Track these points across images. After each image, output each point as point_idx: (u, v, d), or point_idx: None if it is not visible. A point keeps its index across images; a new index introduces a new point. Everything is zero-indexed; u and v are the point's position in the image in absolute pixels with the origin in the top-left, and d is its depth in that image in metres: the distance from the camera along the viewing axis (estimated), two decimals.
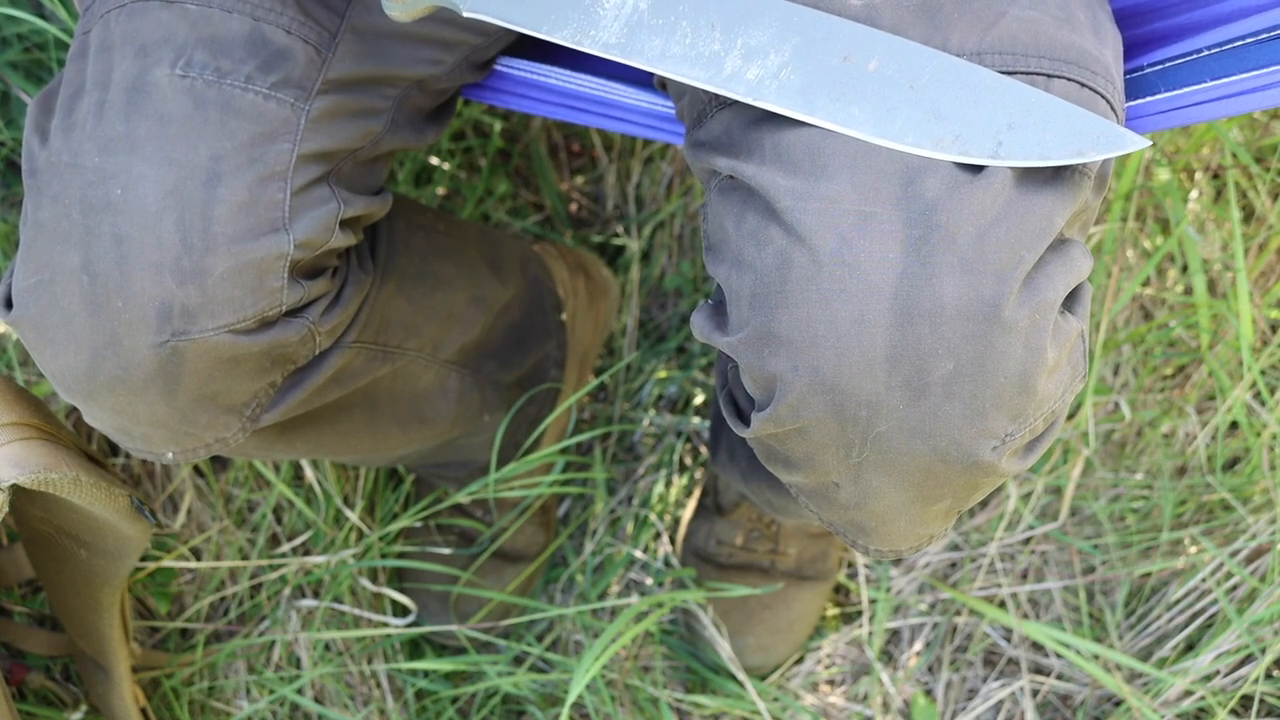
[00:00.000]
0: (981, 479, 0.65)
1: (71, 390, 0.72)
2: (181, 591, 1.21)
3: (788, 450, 0.66)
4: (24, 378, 1.20)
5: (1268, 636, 1.12)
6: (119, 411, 0.73)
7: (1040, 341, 0.61)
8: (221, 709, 1.17)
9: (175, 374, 0.70)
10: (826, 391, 0.61)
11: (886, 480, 0.65)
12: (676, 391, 1.39)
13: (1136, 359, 1.29)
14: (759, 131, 0.65)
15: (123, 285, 0.67)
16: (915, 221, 0.60)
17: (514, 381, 1.15)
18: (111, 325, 0.68)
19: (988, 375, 0.60)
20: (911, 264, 0.59)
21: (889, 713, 1.24)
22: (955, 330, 0.59)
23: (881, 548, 0.73)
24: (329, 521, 1.22)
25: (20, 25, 1.30)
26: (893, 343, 0.60)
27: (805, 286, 0.61)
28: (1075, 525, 1.29)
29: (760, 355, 0.63)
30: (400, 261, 0.92)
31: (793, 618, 1.25)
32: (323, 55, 0.73)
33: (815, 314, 0.60)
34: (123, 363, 0.69)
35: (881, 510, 0.68)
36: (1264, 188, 1.22)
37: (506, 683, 1.18)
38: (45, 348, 0.71)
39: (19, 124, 1.32)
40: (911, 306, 0.59)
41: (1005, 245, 0.60)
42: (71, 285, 0.68)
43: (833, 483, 0.67)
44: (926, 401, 0.61)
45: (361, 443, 0.98)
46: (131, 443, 0.77)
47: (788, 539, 1.25)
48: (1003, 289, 0.59)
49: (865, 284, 0.60)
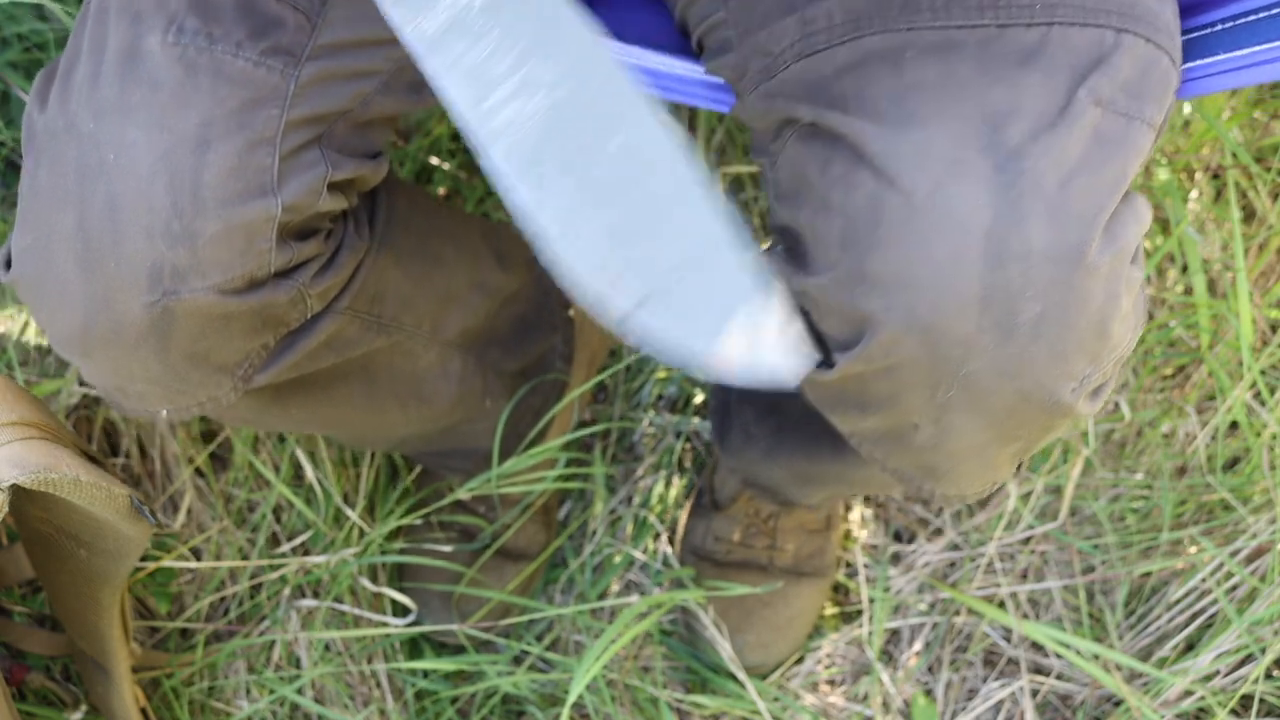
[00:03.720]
0: (1058, 420, 0.67)
1: (69, 348, 0.74)
2: (181, 591, 1.21)
3: (870, 392, 0.67)
4: (24, 378, 1.20)
5: (1268, 636, 1.12)
6: (114, 369, 0.75)
7: (1117, 287, 0.64)
8: (221, 709, 1.17)
9: (167, 332, 0.72)
10: (921, 330, 0.62)
11: (969, 420, 0.66)
12: (676, 392, 1.39)
13: (1136, 359, 1.29)
14: (844, 80, 0.66)
15: (115, 247, 0.69)
16: (1003, 167, 0.61)
17: (518, 370, 1.15)
18: (104, 285, 0.70)
19: (1071, 318, 0.62)
20: (1001, 208, 0.61)
21: (889, 713, 1.24)
22: (1043, 274, 0.61)
23: (949, 492, 0.75)
24: (329, 521, 1.22)
25: (20, 25, 1.30)
26: (985, 284, 0.61)
27: (899, 228, 0.62)
28: (1075, 525, 1.29)
29: (851, 295, 0.64)
30: (399, 236, 0.92)
31: (792, 614, 1.25)
32: (312, 21, 0.73)
33: (911, 255, 0.61)
34: (116, 321, 0.71)
35: (958, 451, 0.69)
36: (1264, 188, 1.22)
37: (506, 683, 1.18)
38: (42, 307, 0.73)
39: (19, 124, 1.32)
40: (1003, 250, 0.61)
41: (1087, 193, 0.62)
42: (66, 247, 0.70)
43: (912, 424, 0.68)
44: (1015, 342, 0.62)
45: (359, 417, 0.98)
46: (128, 401, 0.79)
47: (785, 534, 1.26)
48: (1086, 235, 0.61)
49: (959, 226, 0.61)
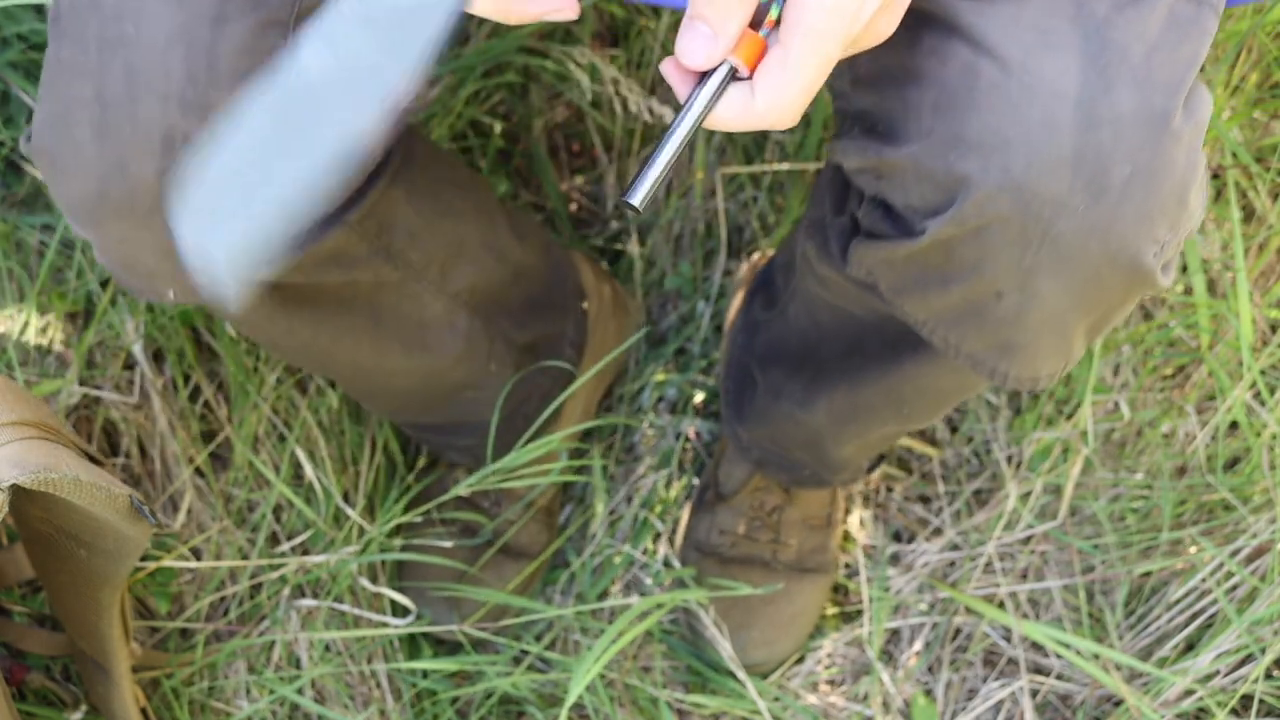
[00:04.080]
0: (1137, 286, 0.69)
1: (82, 219, 0.76)
2: (181, 591, 1.21)
3: (956, 258, 0.69)
4: (24, 378, 1.20)
5: (1268, 636, 1.12)
6: (126, 240, 0.76)
7: (1196, 156, 0.67)
8: (221, 709, 1.17)
9: None
10: (1014, 190, 0.64)
11: (1053, 284, 0.68)
12: (676, 394, 1.39)
13: (1136, 359, 1.29)
14: None
15: (131, 114, 0.71)
16: (1091, 37, 0.64)
17: (526, 344, 1.15)
18: (119, 151, 0.72)
19: (1157, 181, 0.65)
20: (1090, 75, 0.63)
21: (889, 713, 1.24)
22: (1133, 136, 0.64)
23: (1022, 373, 0.76)
24: (329, 521, 1.22)
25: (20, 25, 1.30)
26: (1077, 145, 0.64)
27: (994, 93, 0.64)
28: (1075, 525, 1.29)
29: (947, 159, 0.66)
30: (414, 175, 0.93)
31: (795, 611, 1.25)
32: None
33: (1005, 117, 0.64)
34: (129, 189, 0.73)
35: (1037, 322, 0.71)
36: (1264, 188, 1.22)
37: (506, 683, 1.18)
38: (57, 176, 0.75)
39: (19, 124, 1.32)
40: (1093, 113, 0.63)
41: (1169, 65, 0.64)
42: (83, 116, 0.72)
43: (995, 292, 0.70)
44: (1105, 203, 0.65)
45: (363, 351, 0.99)
46: (137, 280, 0.81)
47: (789, 528, 1.26)
48: (1170, 104, 0.64)
49: (1051, 90, 0.63)
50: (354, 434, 1.28)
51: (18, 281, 1.27)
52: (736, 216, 1.42)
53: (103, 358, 1.24)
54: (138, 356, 1.23)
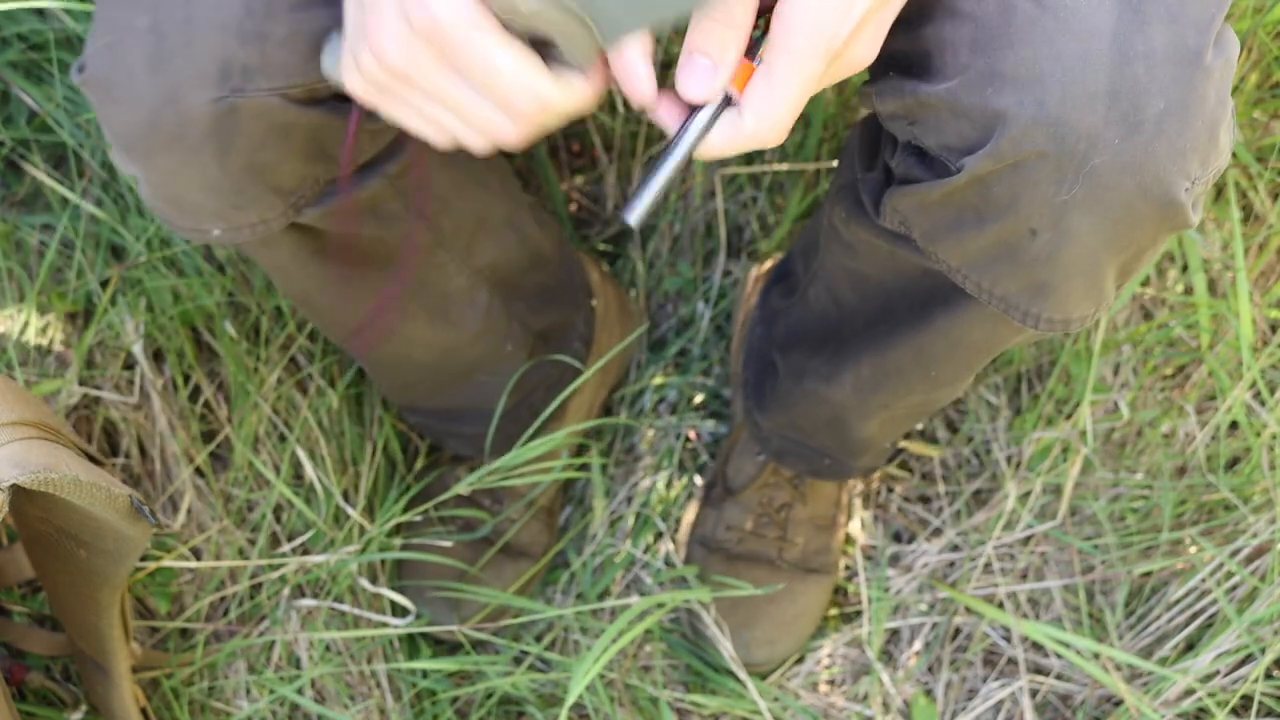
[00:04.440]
0: (1169, 222, 0.70)
1: (131, 150, 0.75)
2: (181, 591, 1.21)
3: (992, 197, 0.70)
4: (24, 378, 1.20)
5: (1268, 636, 1.12)
6: (174, 174, 0.75)
7: (1225, 93, 0.68)
8: (221, 709, 1.17)
9: (230, 133, 0.73)
10: (1051, 124, 0.65)
11: (1088, 220, 0.69)
12: (676, 395, 1.39)
13: (1136, 359, 1.29)
14: None
15: (188, 42, 0.70)
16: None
17: (540, 330, 1.16)
18: (173, 81, 0.71)
19: (1190, 116, 0.66)
20: (1125, 11, 0.65)
21: (889, 713, 1.24)
22: (1166, 72, 0.65)
23: (1055, 315, 0.77)
24: (329, 521, 1.22)
25: (20, 25, 1.30)
26: (1112, 79, 0.65)
27: (1030, 28, 0.65)
28: (1075, 525, 1.29)
29: (983, 94, 0.66)
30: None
31: (798, 612, 1.25)
32: None
33: (1041, 52, 0.65)
34: (181, 119, 0.72)
35: (1071, 261, 0.72)
36: (1264, 188, 1.22)
37: (506, 683, 1.18)
38: (109, 105, 0.74)
39: (18, 124, 1.32)
40: (1128, 48, 0.64)
41: (1199, 3, 0.66)
42: (138, 45, 0.71)
43: (1029, 230, 0.71)
44: (1139, 137, 0.65)
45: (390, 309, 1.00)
46: (182, 217, 0.79)
47: (796, 527, 1.26)
48: (1203, 40, 0.65)
49: (1086, 26, 0.64)
50: (354, 434, 1.28)
51: (18, 281, 1.27)
52: (736, 217, 1.42)
53: (103, 358, 1.24)
54: (138, 356, 1.23)
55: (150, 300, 1.25)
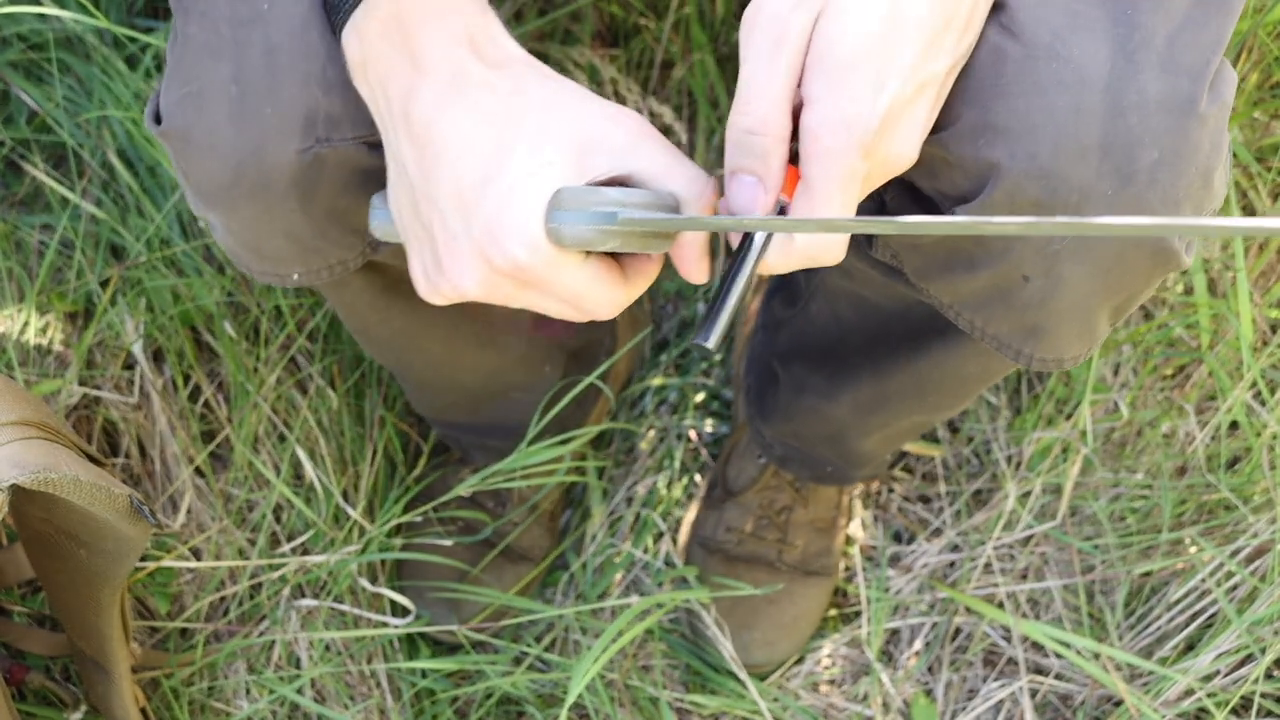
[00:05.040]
0: (1161, 268, 0.69)
1: (213, 200, 0.74)
2: (181, 591, 1.21)
3: (986, 241, 0.70)
4: (24, 378, 1.20)
5: (1268, 636, 1.12)
6: (256, 222, 0.74)
7: (1220, 138, 0.67)
8: (221, 709, 1.17)
9: (314, 182, 0.72)
10: (1043, 176, 0.64)
11: (1080, 269, 0.68)
12: (677, 396, 1.39)
13: (1136, 358, 1.29)
14: None
15: (272, 94, 0.69)
16: (1119, 20, 0.63)
17: (574, 350, 1.18)
18: (258, 133, 0.70)
19: (1184, 165, 0.65)
20: (1118, 60, 0.63)
21: (889, 713, 1.24)
22: (1159, 122, 0.63)
23: (1047, 356, 0.76)
24: (329, 521, 1.22)
25: (20, 25, 1.30)
26: (1105, 131, 0.63)
27: (1022, 78, 0.64)
28: (1075, 525, 1.29)
29: (975, 145, 0.65)
30: None
31: (797, 613, 1.25)
32: None
33: (1033, 103, 0.63)
34: (265, 170, 0.71)
35: (1063, 307, 0.71)
36: (1264, 188, 1.22)
37: (505, 683, 1.18)
38: (191, 157, 0.72)
39: (18, 124, 1.32)
40: (1121, 98, 0.63)
41: (1194, 48, 0.64)
42: (220, 96, 0.70)
43: (1022, 276, 0.70)
44: (1132, 188, 0.64)
45: (442, 344, 1.01)
46: (260, 263, 0.79)
47: (796, 530, 1.26)
48: (1196, 87, 0.64)
49: (1079, 76, 0.63)
50: (354, 434, 1.28)
51: (18, 281, 1.27)
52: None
53: (103, 358, 1.24)
54: (138, 356, 1.23)
55: (150, 300, 1.25)
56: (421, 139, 0.61)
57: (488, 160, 0.60)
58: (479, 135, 0.60)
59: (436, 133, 0.61)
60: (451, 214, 0.61)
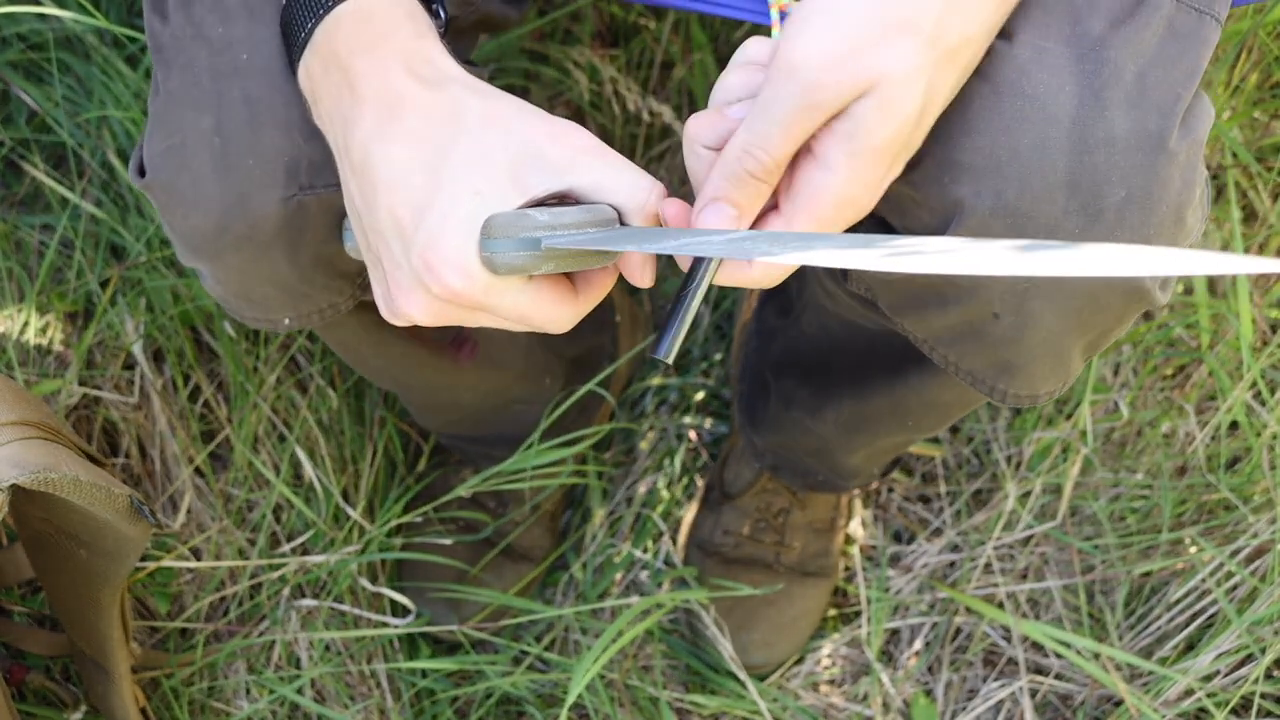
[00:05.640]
0: (1134, 306, 0.68)
1: (199, 251, 0.74)
2: (181, 591, 1.21)
3: (954, 280, 0.69)
4: (24, 378, 1.20)
5: (1268, 636, 1.12)
6: (243, 271, 0.75)
7: (1193, 175, 0.65)
8: (221, 709, 1.17)
9: (299, 229, 0.72)
10: (1008, 214, 0.64)
11: (1050, 307, 0.68)
12: (677, 397, 1.39)
13: (1136, 358, 1.29)
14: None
15: (254, 144, 0.70)
16: (1086, 57, 0.63)
17: (573, 358, 1.18)
18: (241, 184, 0.71)
19: (1153, 203, 0.64)
20: (1085, 96, 0.62)
21: (889, 713, 1.24)
22: (1127, 159, 0.62)
23: (1021, 391, 0.76)
24: (329, 521, 1.22)
25: (20, 25, 1.30)
26: (1071, 169, 0.63)
27: (987, 116, 0.63)
28: (1075, 525, 1.29)
29: (941, 183, 0.65)
30: None
31: (796, 614, 1.25)
32: None
33: (998, 141, 0.63)
34: (251, 220, 0.71)
35: (1034, 343, 0.71)
36: (1264, 188, 1.22)
37: (505, 683, 1.18)
38: (175, 209, 0.73)
39: (18, 124, 1.32)
40: (1088, 136, 0.62)
41: (1164, 84, 0.63)
42: (203, 148, 0.71)
43: (993, 314, 0.70)
44: (1100, 226, 0.63)
45: (438, 374, 1.02)
46: (250, 309, 0.79)
47: (794, 531, 1.26)
48: (1166, 124, 0.63)
49: (1044, 113, 0.62)
50: (354, 434, 1.28)
51: (18, 281, 1.27)
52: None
53: (103, 358, 1.24)
54: (138, 356, 1.23)
55: (150, 300, 1.25)
56: (360, 169, 0.62)
57: (421, 190, 0.60)
58: (412, 165, 0.61)
59: (372, 163, 0.62)
60: (394, 243, 0.61)
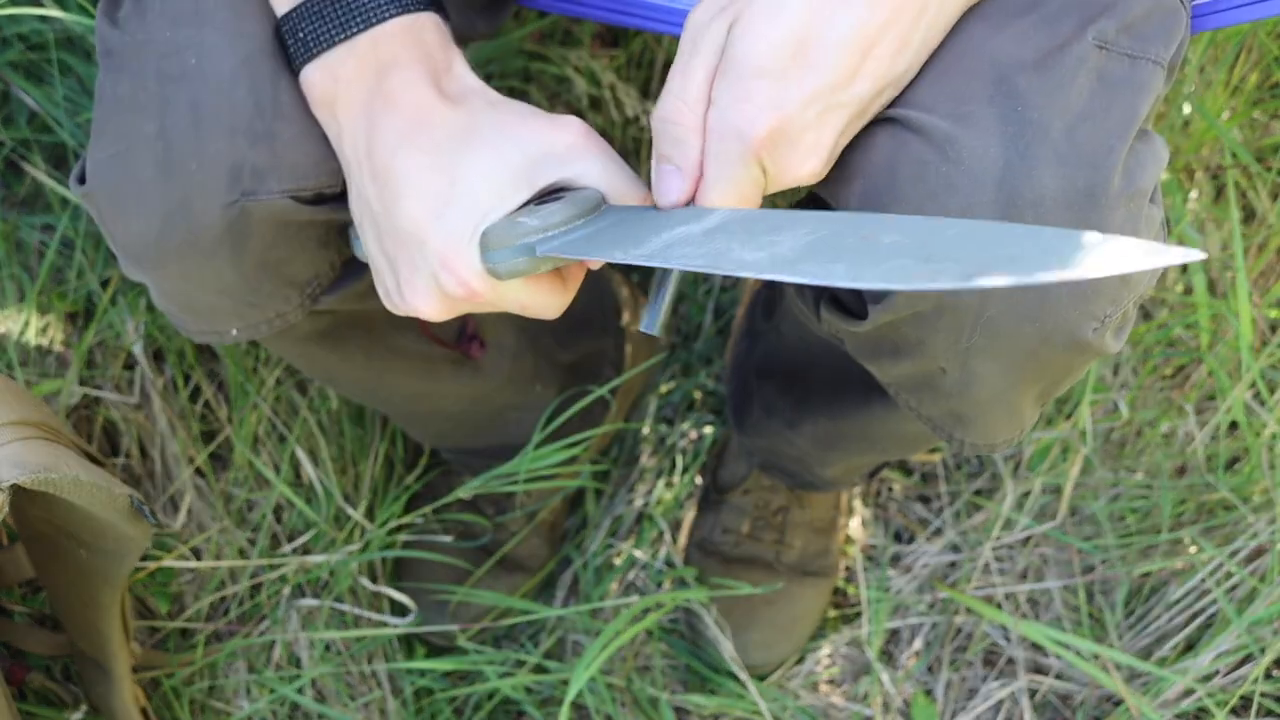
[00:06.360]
0: (1080, 359, 0.68)
1: (141, 260, 0.74)
2: (181, 591, 1.21)
3: (902, 337, 0.69)
4: (24, 378, 1.20)
5: (1268, 636, 1.12)
6: (187, 279, 0.74)
7: (1136, 226, 0.64)
8: (221, 709, 1.17)
9: (243, 236, 0.72)
10: None
11: (993, 365, 0.68)
12: (679, 398, 1.39)
13: (1136, 358, 1.29)
14: None
15: (197, 148, 0.70)
16: (1010, 118, 0.62)
17: (569, 364, 1.17)
18: (184, 188, 0.71)
19: None
20: (1011, 158, 0.62)
21: (889, 713, 1.24)
22: (1058, 219, 0.62)
23: (978, 441, 0.77)
24: (329, 521, 1.22)
25: (20, 25, 1.30)
26: None
27: (914, 183, 0.63)
28: (1074, 525, 1.29)
29: None
30: None
31: (796, 614, 1.25)
32: None
33: (925, 207, 0.63)
34: (193, 226, 0.71)
35: (982, 399, 0.71)
36: (1264, 188, 1.22)
37: (506, 684, 1.18)
38: (117, 218, 0.73)
39: (19, 124, 1.32)
40: (1015, 197, 0.62)
41: (1095, 137, 0.62)
42: (146, 153, 0.71)
43: (939, 368, 0.70)
44: (1034, 287, 0.63)
45: (414, 375, 1.00)
46: (196, 321, 0.79)
47: (793, 530, 1.26)
48: (1098, 178, 0.62)
49: (970, 178, 0.62)
50: (354, 434, 1.28)
51: (18, 281, 1.27)
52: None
53: (103, 358, 1.24)
54: (138, 356, 1.23)
55: (150, 300, 1.25)
56: (382, 176, 0.65)
57: (438, 197, 0.64)
58: (432, 173, 0.64)
59: (396, 169, 0.65)
60: (411, 246, 0.65)
